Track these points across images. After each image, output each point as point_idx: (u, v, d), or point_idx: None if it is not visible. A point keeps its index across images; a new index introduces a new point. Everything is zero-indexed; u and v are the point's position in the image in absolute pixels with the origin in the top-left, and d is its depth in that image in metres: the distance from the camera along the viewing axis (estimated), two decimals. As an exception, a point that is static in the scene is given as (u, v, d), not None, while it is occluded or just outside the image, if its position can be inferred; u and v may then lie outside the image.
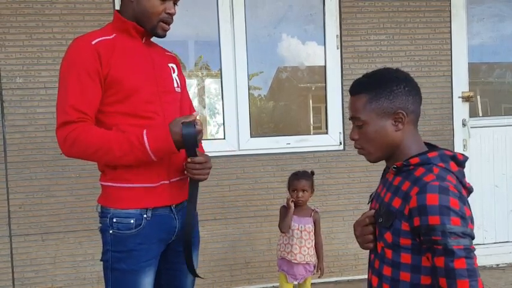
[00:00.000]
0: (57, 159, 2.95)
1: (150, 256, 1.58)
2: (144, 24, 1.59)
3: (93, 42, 1.50)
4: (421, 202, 1.12)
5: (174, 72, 1.73)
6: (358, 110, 1.27)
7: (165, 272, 1.72)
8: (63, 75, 1.51)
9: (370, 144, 1.28)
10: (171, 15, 1.61)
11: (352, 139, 1.32)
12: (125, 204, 1.56)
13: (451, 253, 1.07)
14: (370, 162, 1.33)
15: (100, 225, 1.60)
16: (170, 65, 1.72)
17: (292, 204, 2.50)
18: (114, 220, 1.55)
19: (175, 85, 1.71)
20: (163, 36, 1.64)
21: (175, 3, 1.63)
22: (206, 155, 1.63)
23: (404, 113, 1.24)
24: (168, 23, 1.62)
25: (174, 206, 1.64)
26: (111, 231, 1.55)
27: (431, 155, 1.21)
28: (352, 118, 1.30)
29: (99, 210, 1.60)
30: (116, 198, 1.56)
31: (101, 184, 1.61)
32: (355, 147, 1.33)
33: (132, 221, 1.54)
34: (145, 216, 1.56)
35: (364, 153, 1.32)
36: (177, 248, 1.69)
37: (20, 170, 2.96)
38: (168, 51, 1.80)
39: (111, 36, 1.56)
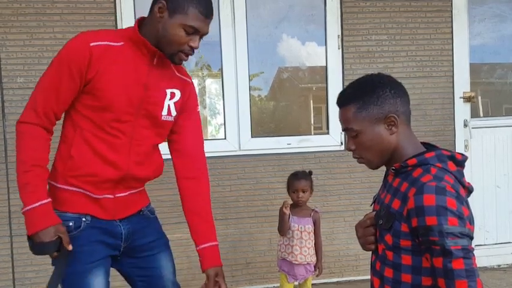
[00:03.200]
0: (57, 159, 2.94)
1: (95, 258, 1.55)
2: (163, 48, 1.52)
3: (91, 44, 1.46)
4: (418, 203, 1.12)
5: (172, 98, 1.63)
6: (349, 121, 1.28)
7: (138, 278, 1.71)
8: (52, 64, 1.50)
9: (368, 152, 1.28)
10: (193, 48, 1.54)
11: (349, 150, 1.32)
12: (63, 207, 1.54)
13: (448, 253, 1.07)
14: (372, 169, 1.34)
15: None
16: (171, 90, 1.62)
17: (286, 210, 2.48)
18: None
19: (164, 113, 1.61)
20: (179, 65, 1.60)
21: (201, 37, 1.54)
22: None
23: (396, 116, 1.24)
24: (188, 55, 1.55)
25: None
26: None
27: (428, 155, 1.21)
28: (345, 130, 1.31)
29: None
30: (57, 199, 1.54)
31: (48, 182, 1.58)
32: (354, 158, 1.33)
33: (71, 224, 1.53)
34: (84, 219, 1.55)
35: (364, 162, 1.32)
36: (138, 255, 1.67)
37: (20, 170, 2.96)
38: (182, 74, 1.69)
39: (117, 43, 1.51)
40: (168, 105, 1.62)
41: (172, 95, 1.63)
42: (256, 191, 3.23)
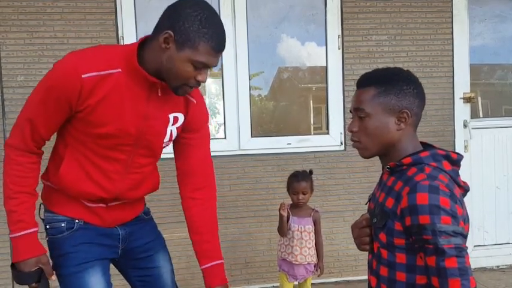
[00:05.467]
0: (57, 158, 2.94)
1: (91, 257, 1.50)
2: (167, 80, 1.37)
3: (83, 76, 1.31)
4: (411, 202, 1.12)
5: (175, 123, 1.51)
6: (364, 102, 1.26)
7: (137, 278, 1.68)
8: (39, 89, 1.39)
9: (368, 138, 1.27)
10: (200, 82, 1.40)
11: (351, 131, 1.31)
12: (57, 208, 1.51)
13: (441, 252, 1.08)
14: (363, 157, 1.32)
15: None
16: (174, 115, 1.50)
17: (284, 212, 2.48)
18: (48, 227, 1.52)
19: (166, 139, 1.52)
20: (182, 96, 1.46)
21: (209, 68, 1.39)
22: None
23: (409, 113, 1.25)
24: (193, 88, 1.42)
25: None
26: (47, 238, 1.53)
27: (423, 154, 1.22)
28: (355, 109, 1.29)
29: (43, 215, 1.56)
30: (51, 200, 1.53)
31: (42, 182, 1.55)
32: (352, 140, 1.32)
33: (63, 225, 1.50)
34: (77, 221, 1.51)
35: (359, 147, 1.31)
36: (136, 256, 1.64)
37: (20, 169, 2.96)
38: (189, 94, 1.50)
39: (114, 71, 1.36)
40: (171, 131, 1.52)
41: (175, 120, 1.51)
42: (255, 191, 3.23)
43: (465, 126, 3.48)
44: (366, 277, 1.36)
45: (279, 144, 3.30)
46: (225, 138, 3.26)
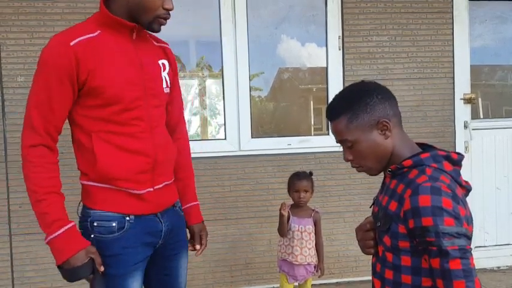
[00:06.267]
0: (57, 158, 2.94)
1: (137, 260, 1.51)
2: (139, 18, 1.47)
3: (72, 43, 1.38)
4: (414, 204, 1.12)
5: (164, 70, 1.61)
6: (342, 133, 1.28)
7: (155, 277, 1.66)
8: (36, 77, 1.42)
9: (366, 160, 1.28)
10: (169, 10, 1.49)
11: (347, 160, 1.32)
12: (105, 206, 1.49)
13: (445, 254, 1.08)
14: (372, 175, 1.34)
15: (81, 230, 1.50)
16: (161, 61, 1.60)
17: (284, 212, 2.48)
18: (95, 224, 1.48)
19: (164, 85, 1.59)
20: (159, 31, 1.53)
21: None
22: None
23: (387, 120, 1.25)
24: (166, 19, 1.50)
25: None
26: (92, 236, 1.47)
27: (423, 156, 1.22)
28: (340, 141, 1.31)
29: (80, 212, 1.54)
30: (97, 198, 1.50)
31: (82, 183, 1.54)
32: (353, 167, 1.33)
33: (114, 224, 1.47)
34: (127, 219, 1.49)
35: (364, 170, 1.32)
36: (164, 253, 1.63)
37: (20, 169, 2.92)
38: (160, 42, 1.66)
39: (94, 34, 1.44)
40: (165, 77, 1.60)
41: (164, 66, 1.60)
42: (256, 192, 3.23)
43: (465, 127, 3.47)
44: (366, 278, 1.37)
45: (279, 144, 3.29)
46: (225, 139, 3.26)
